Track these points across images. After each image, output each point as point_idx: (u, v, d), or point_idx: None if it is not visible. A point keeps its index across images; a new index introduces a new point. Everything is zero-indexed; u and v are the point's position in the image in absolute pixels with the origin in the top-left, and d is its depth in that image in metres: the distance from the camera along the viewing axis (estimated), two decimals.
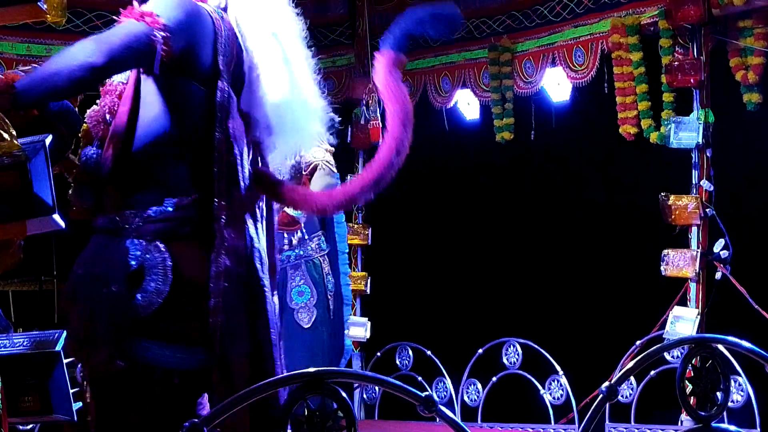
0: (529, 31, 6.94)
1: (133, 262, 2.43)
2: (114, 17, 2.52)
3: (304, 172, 5.07)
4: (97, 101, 2.60)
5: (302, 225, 5.15)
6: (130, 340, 2.40)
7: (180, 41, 2.46)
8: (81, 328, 2.40)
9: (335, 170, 5.27)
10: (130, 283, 2.42)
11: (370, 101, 7.26)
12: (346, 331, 5.50)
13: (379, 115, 7.35)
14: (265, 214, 2.71)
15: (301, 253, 5.19)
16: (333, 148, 5.00)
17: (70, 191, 2.52)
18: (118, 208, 2.49)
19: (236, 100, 2.60)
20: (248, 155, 2.64)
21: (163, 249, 2.45)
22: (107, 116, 2.55)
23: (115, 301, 2.40)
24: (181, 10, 2.48)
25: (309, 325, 5.14)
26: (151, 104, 2.52)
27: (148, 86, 2.53)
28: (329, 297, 5.26)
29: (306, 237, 5.22)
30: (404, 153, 2.88)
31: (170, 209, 2.49)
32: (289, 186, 2.79)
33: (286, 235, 5.13)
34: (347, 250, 5.64)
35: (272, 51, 2.76)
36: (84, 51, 2.36)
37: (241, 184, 2.57)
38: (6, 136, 2.12)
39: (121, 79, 2.57)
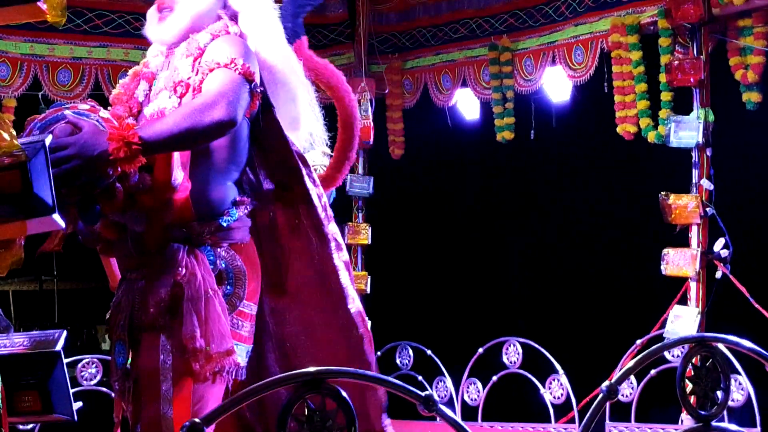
0: (530, 30, 6.94)
1: (211, 267, 2.73)
2: (114, 17, 2.58)
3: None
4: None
5: None
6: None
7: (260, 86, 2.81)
8: (194, 331, 2.66)
9: None
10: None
11: (362, 100, 7.26)
12: None
13: (370, 114, 7.34)
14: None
15: None
16: (330, 151, 5.00)
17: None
18: (186, 221, 2.75)
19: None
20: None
21: (232, 254, 2.77)
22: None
23: (221, 301, 2.71)
24: (252, 55, 2.80)
25: None
26: None
27: None
28: None
29: None
30: (357, 134, 3.41)
31: (233, 220, 2.79)
32: None
33: None
34: None
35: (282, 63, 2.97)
36: (210, 109, 2.61)
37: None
38: (6, 136, 2.12)
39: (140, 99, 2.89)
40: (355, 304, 2.87)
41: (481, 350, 6.65)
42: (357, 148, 3.50)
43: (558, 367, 6.32)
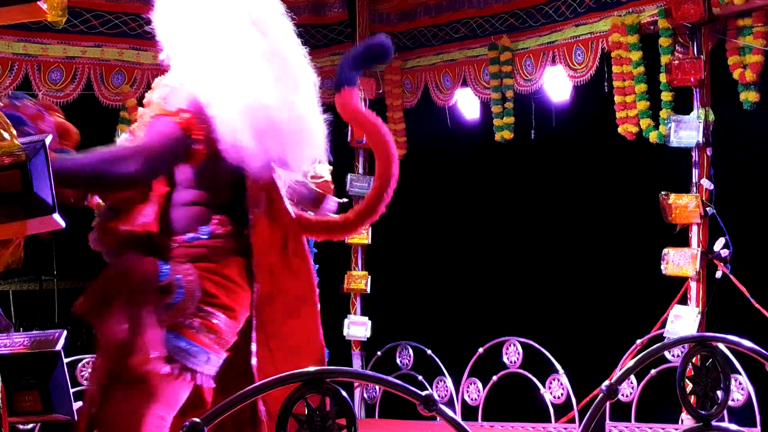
0: (530, 30, 6.93)
1: (161, 279, 2.77)
2: (110, 17, 2.61)
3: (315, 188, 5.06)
4: None
5: None
6: (167, 341, 2.76)
7: (210, 131, 2.78)
8: (117, 330, 2.73)
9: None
10: (161, 294, 2.77)
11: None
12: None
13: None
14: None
15: None
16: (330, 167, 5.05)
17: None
18: (161, 232, 2.86)
19: None
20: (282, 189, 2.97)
21: (192, 271, 2.80)
22: None
23: (146, 307, 2.75)
24: (202, 108, 2.78)
25: None
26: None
27: None
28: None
29: None
30: (392, 187, 3.17)
31: (204, 237, 2.85)
32: (316, 218, 3.24)
33: None
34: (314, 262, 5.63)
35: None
36: (123, 161, 2.67)
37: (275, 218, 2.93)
38: (6, 135, 2.12)
39: None
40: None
41: (481, 350, 6.65)
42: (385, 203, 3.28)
43: (558, 366, 6.32)
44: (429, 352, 6.92)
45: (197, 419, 1.90)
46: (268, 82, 2.83)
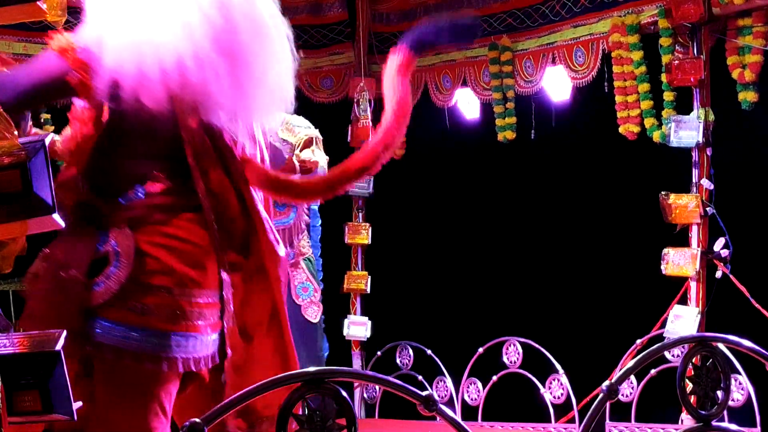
0: (528, 31, 6.93)
1: (100, 248, 2.52)
2: None
3: (297, 150, 5.04)
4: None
5: (293, 225, 5.15)
6: (92, 323, 2.50)
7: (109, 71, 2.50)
8: (40, 309, 2.53)
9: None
10: (95, 268, 2.51)
11: (360, 99, 7.26)
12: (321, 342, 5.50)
13: (369, 113, 7.34)
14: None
15: (299, 251, 5.18)
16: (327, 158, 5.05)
17: None
18: (92, 197, 2.59)
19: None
20: (231, 142, 2.67)
21: (130, 235, 2.53)
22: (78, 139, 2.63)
23: (71, 285, 2.50)
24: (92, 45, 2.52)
25: (317, 320, 5.13)
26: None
27: None
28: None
29: (298, 235, 5.22)
30: (393, 149, 2.80)
31: (141, 196, 2.59)
32: (273, 172, 2.81)
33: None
34: (320, 257, 5.63)
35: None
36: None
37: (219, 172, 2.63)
38: (6, 135, 2.12)
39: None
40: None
41: (481, 350, 6.65)
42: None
43: (558, 366, 6.32)
44: (429, 352, 6.92)
45: (197, 419, 1.90)
46: (199, 25, 2.53)
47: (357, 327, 7.23)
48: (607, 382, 2.16)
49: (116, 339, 2.52)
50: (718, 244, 6.04)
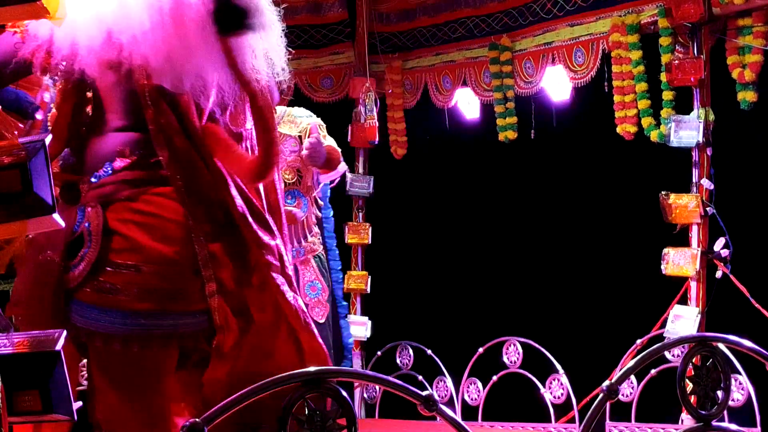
0: (521, 30, 6.91)
1: (76, 229, 2.50)
2: None
3: (305, 138, 5.01)
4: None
5: (304, 220, 5.11)
6: (69, 306, 2.49)
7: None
8: (24, 293, 2.52)
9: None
10: (74, 249, 2.49)
11: (366, 99, 7.26)
12: (348, 329, 5.48)
13: (375, 113, 7.35)
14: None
15: (309, 247, 5.14)
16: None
17: None
18: (72, 177, 2.57)
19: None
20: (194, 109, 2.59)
21: (100, 214, 2.51)
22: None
23: (48, 268, 2.48)
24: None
25: (323, 320, 5.10)
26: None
27: None
28: (330, 293, 5.25)
29: (309, 232, 5.18)
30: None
31: (109, 172, 2.55)
32: (230, 143, 2.67)
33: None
34: (336, 247, 5.60)
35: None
36: None
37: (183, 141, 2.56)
38: (6, 135, 2.12)
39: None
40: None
41: (481, 350, 6.65)
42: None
43: (558, 366, 6.32)
44: (429, 352, 6.92)
45: (197, 419, 1.90)
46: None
47: (357, 327, 7.23)
48: (607, 382, 2.16)
49: (89, 321, 2.50)
50: (718, 244, 6.04)
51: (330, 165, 4.90)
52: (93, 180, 2.55)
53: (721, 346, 2.27)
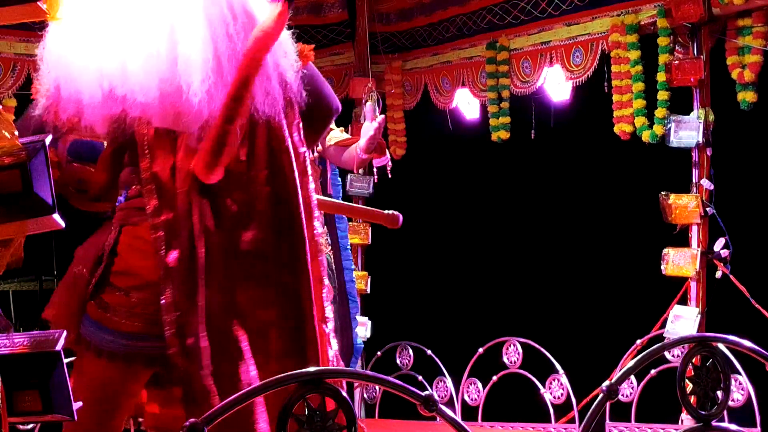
0: (523, 26, 6.90)
1: (106, 247, 2.71)
2: None
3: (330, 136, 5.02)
4: None
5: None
6: (84, 320, 2.68)
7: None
8: (55, 301, 2.75)
9: None
10: (98, 265, 2.70)
11: (369, 100, 7.25)
12: (356, 330, 5.45)
13: (378, 113, 7.34)
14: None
15: None
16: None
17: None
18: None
19: None
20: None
21: (113, 236, 2.71)
22: None
23: (78, 279, 2.71)
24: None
25: None
26: None
27: None
28: (337, 293, 5.22)
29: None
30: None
31: (123, 199, 2.77)
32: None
33: None
34: (350, 246, 5.60)
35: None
36: None
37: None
38: (7, 135, 2.12)
39: None
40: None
41: (481, 350, 6.65)
42: None
43: (558, 367, 6.32)
44: (429, 352, 6.92)
45: (197, 419, 1.90)
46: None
47: (357, 327, 7.22)
48: (607, 382, 2.16)
49: (89, 333, 2.67)
50: (718, 244, 6.04)
51: (382, 150, 4.91)
52: (116, 204, 2.79)
53: (721, 346, 2.27)
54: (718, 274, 6.03)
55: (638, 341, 6.05)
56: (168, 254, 2.60)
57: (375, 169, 5.40)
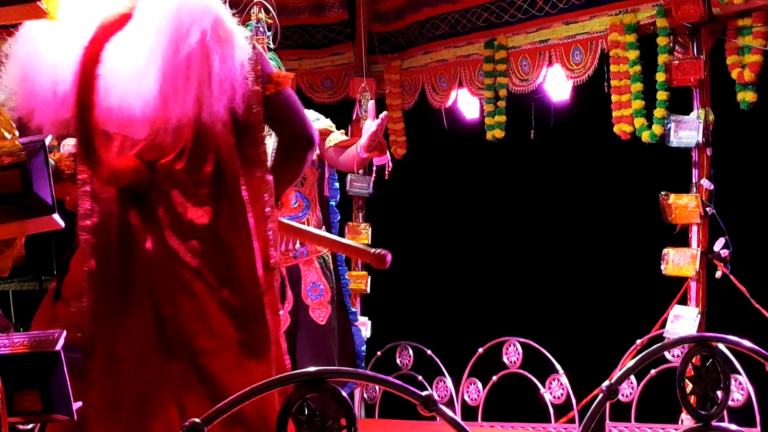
0: (521, 24, 6.90)
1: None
2: None
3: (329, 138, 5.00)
4: None
5: (305, 220, 5.08)
6: None
7: None
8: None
9: None
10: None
11: (363, 100, 7.25)
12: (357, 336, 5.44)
13: (371, 113, 7.33)
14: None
15: (312, 248, 5.10)
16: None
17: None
18: None
19: None
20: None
21: (75, 244, 2.69)
22: None
23: (50, 293, 2.75)
24: None
25: (324, 323, 5.07)
26: None
27: None
28: (335, 295, 5.22)
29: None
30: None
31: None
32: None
33: None
34: None
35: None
36: None
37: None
38: (7, 135, 2.12)
39: None
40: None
41: (481, 350, 6.64)
42: None
43: (558, 367, 6.32)
44: (429, 352, 6.91)
45: (197, 419, 1.90)
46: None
47: (358, 333, 7.23)
48: (607, 382, 2.16)
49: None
50: (718, 244, 6.03)
51: (383, 149, 4.88)
52: None
53: (721, 346, 2.27)
54: (718, 274, 6.03)
55: (638, 341, 6.05)
56: (89, 260, 2.57)
57: (374, 168, 5.39)
